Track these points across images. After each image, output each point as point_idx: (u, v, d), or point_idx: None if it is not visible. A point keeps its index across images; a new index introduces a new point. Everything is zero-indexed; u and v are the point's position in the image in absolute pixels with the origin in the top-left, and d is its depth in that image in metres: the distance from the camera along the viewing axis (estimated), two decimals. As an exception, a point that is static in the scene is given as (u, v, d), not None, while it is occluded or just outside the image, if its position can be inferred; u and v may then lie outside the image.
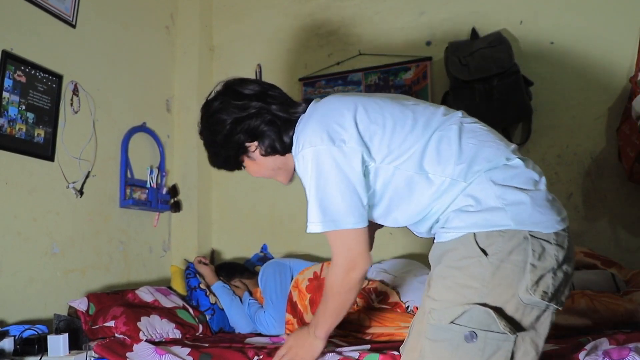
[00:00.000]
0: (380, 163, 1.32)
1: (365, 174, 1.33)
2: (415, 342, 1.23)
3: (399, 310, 2.25)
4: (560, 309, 1.19)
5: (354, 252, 1.33)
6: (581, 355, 1.46)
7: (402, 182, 1.32)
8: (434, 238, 1.37)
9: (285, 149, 1.49)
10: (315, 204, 1.32)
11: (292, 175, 1.58)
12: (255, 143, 1.50)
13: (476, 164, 1.25)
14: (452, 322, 1.11)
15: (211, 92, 1.65)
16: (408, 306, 2.25)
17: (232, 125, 1.49)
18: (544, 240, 1.16)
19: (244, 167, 1.59)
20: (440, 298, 1.17)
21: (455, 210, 1.23)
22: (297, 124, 1.46)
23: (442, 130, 1.33)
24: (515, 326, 1.11)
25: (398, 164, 1.31)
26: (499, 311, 1.11)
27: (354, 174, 1.30)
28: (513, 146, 1.32)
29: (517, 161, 1.27)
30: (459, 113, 1.39)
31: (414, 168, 1.30)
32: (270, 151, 1.49)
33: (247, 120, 1.47)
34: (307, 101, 1.54)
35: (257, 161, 1.54)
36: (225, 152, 1.55)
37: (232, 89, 1.56)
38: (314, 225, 1.33)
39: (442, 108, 1.40)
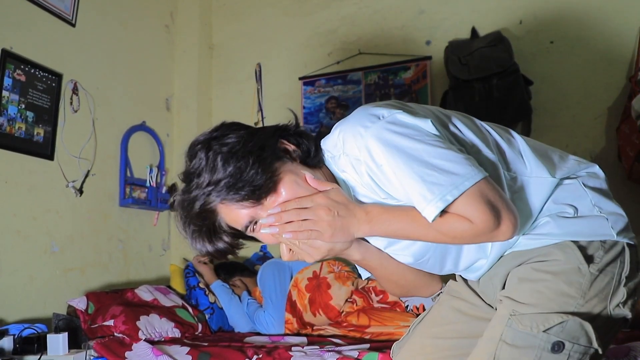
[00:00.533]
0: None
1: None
2: (485, 345, 1.08)
3: (398, 310, 2.25)
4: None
5: (497, 209, 0.99)
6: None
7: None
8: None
9: (319, 159, 1.14)
10: (420, 178, 0.98)
11: None
12: (291, 146, 1.12)
13: (562, 165, 1.17)
14: (545, 330, 1.02)
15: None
16: (407, 305, 2.25)
17: (253, 137, 1.11)
18: (635, 253, 1.12)
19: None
20: (528, 302, 1.06)
21: (549, 215, 1.11)
22: (333, 141, 1.12)
23: (502, 131, 1.20)
24: (599, 343, 1.05)
25: (480, 153, 1.10)
26: (592, 325, 1.04)
27: (435, 135, 1.03)
28: (574, 156, 1.23)
29: (595, 167, 1.19)
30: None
31: (497, 158, 1.11)
32: (308, 154, 1.13)
33: (272, 135, 1.12)
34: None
35: (299, 173, 1.10)
36: (255, 172, 1.05)
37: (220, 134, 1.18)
38: (430, 209, 0.98)
39: None
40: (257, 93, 3.31)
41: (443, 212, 0.99)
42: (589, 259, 1.06)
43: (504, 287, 1.14)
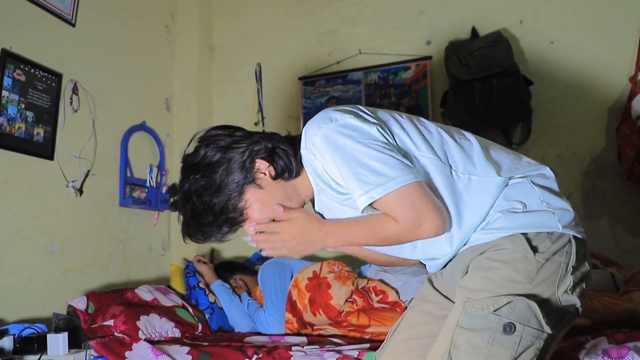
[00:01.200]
0: (402, 149, 1.23)
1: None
2: (444, 333, 1.17)
3: (398, 310, 2.25)
4: (580, 314, 1.21)
5: (423, 209, 1.14)
6: (581, 354, 1.47)
7: (434, 181, 1.23)
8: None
9: (296, 170, 1.32)
10: (354, 175, 1.16)
11: (304, 205, 1.38)
12: (266, 163, 1.29)
13: (512, 166, 1.27)
14: (494, 312, 1.11)
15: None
16: (407, 306, 2.25)
17: (231, 161, 1.27)
18: (582, 246, 1.21)
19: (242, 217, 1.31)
20: (480, 288, 1.16)
21: (500, 211, 1.21)
22: (303, 138, 1.30)
23: (458, 134, 1.31)
24: (549, 325, 1.12)
25: (427, 155, 1.24)
26: (540, 307, 1.12)
27: (377, 140, 1.19)
28: (526, 157, 1.35)
29: (546, 169, 1.29)
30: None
31: (442, 160, 1.24)
32: (282, 171, 1.30)
33: (250, 145, 1.29)
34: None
35: (266, 190, 1.29)
36: (224, 195, 1.26)
37: (212, 135, 1.32)
38: (360, 200, 1.16)
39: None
40: (257, 93, 3.31)
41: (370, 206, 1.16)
42: (535, 249, 1.16)
43: None
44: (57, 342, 1.92)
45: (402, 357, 1.36)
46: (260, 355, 1.86)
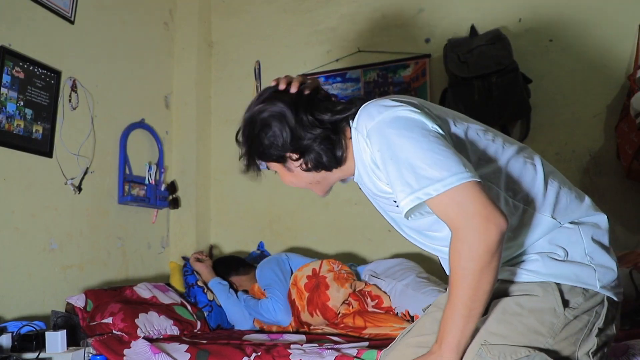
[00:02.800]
0: None
1: None
2: None
3: (391, 313, 2.26)
4: None
5: (481, 208, 1.00)
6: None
7: None
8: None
9: (334, 163, 1.30)
10: (400, 174, 1.06)
11: (329, 189, 1.40)
12: (299, 159, 1.30)
13: (569, 207, 1.19)
14: None
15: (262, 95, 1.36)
16: (397, 312, 2.25)
17: (274, 136, 1.28)
18: (614, 308, 1.16)
19: (275, 172, 1.40)
20: (500, 333, 1.10)
21: (539, 253, 1.15)
22: (356, 118, 1.23)
23: (524, 153, 1.23)
24: None
25: (484, 178, 1.12)
26: None
27: (435, 132, 1.09)
28: (587, 198, 1.25)
29: (602, 217, 1.21)
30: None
31: (494, 183, 1.15)
32: (313, 167, 1.30)
33: (298, 133, 1.26)
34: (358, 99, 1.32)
35: (295, 174, 1.35)
36: (261, 159, 1.35)
37: (285, 99, 1.30)
38: (407, 200, 1.05)
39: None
40: (257, 90, 3.30)
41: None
42: (566, 303, 1.10)
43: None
44: (56, 339, 1.92)
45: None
46: (259, 353, 1.87)
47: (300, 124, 1.26)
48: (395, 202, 1.19)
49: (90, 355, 1.98)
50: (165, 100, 3.30)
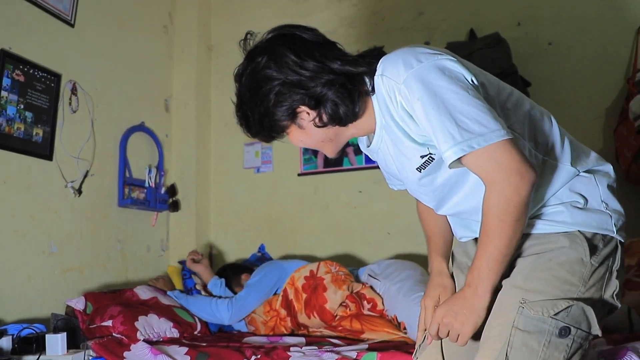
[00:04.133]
0: None
1: None
2: (497, 331, 1.14)
3: (385, 317, 2.26)
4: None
5: (516, 164, 1.06)
6: (579, 355, 1.47)
7: None
8: None
9: (352, 117, 1.22)
10: (443, 124, 1.07)
11: (341, 147, 1.32)
12: (313, 112, 1.20)
13: (583, 158, 1.25)
14: (553, 316, 1.10)
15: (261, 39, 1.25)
16: (388, 315, 2.25)
17: (283, 86, 1.17)
18: (623, 251, 1.22)
19: (285, 135, 1.28)
20: (536, 289, 1.14)
21: (563, 203, 1.20)
22: (381, 70, 1.19)
23: (538, 106, 1.27)
24: (598, 328, 1.14)
25: (510, 126, 1.15)
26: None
27: (475, 86, 1.12)
28: (595, 153, 1.32)
29: (610, 167, 1.28)
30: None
31: (522, 136, 1.18)
32: (329, 121, 1.21)
33: (307, 82, 1.17)
34: (373, 51, 1.29)
35: (307, 130, 1.24)
36: (269, 118, 1.21)
37: (289, 36, 1.22)
38: (454, 149, 1.07)
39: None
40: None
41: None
42: (592, 251, 1.15)
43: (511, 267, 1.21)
44: (56, 342, 1.93)
45: (443, 350, 1.33)
46: (259, 356, 1.87)
47: (308, 70, 1.17)
48: (420, 163, 1.22)
49: (90, 357, 1.99)
50: (165, 103, 3.31)
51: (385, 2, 3.08)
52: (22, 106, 2.31)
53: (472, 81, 1.13)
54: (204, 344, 2.10)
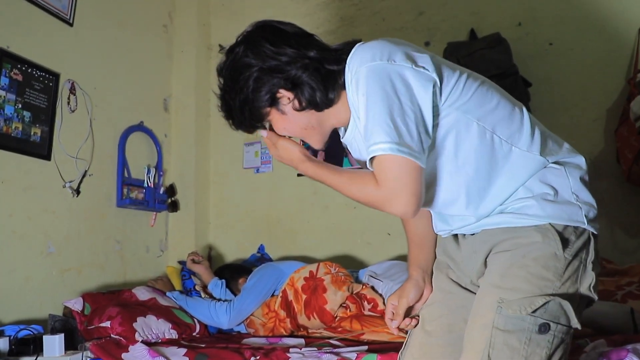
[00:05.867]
0: (449, 107, 1.19)
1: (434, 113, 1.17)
2: (478, 333, 1.17)
3: (385, 317, 2.25)
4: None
5: (403, 189, 1.11)
6: (581, 357, 1.46)
7: (470, 141, 1.20)
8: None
9: (326, 103, 1.26)
10: (381, 122, 1.11)
11: (326, 138, 1.36)
12: (291, 94, 1.24)
13: (554, 148, 1.26)
14: (531, 313, 1.12)
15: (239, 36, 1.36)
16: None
17: (261, 72, 1.23)
18: (597, 243, 1.22)
19: (267, 124, 1.33)
20: (513, 287, 1.15)
21: (533, 196, 1.19)
22: (349, 59, 1.22)
23: (514, 104, 1.28)
24: (577, 321, 1.15)
25: (472, 117, 1.19)
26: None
27: (426, 105, 1.14)
28: (568, 144, 1.33)
29: (582, 159, 1.29)
30: None
31: (489, 125, 1.20)
32: (307, 105, 1.25)
33: (284, 67, 1.22)
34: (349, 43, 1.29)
35: (288, 116, 1.28)
36: (249, 105, 1.26)
37: (266, 27, 1.32)
38: (380, 146, 1.11)
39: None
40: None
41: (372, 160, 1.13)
42: (565, 244, 1.16)
43: (485, 265, 1.25)
44: (53, 343, 1.92)
45: (427, 354, 1.35)
46: (258, 357, 1.86)
47: (284, 56, 1.23)
48: None
49: (88, 359, 1.97)
50: (164, 103, 3.30)
51: (386, 2, 3.07)
52: (20, 105, 2.30)
53: (425, 95, 1.13)
54: (203, 345, 2.09)
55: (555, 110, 2.69)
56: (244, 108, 1.26)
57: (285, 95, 1.25)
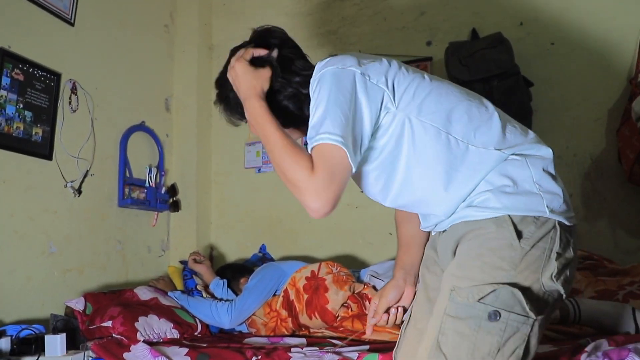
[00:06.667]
0: (401, 111, 1.24)
1: (379, 123, 1.24)
2: (434, 321, 1.20)
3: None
4: (564, 300, 1.24)
5: (330, 181, 1.15)
6: (582, 357, 1.46)
7: (426, 143, 1.24)
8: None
9: (303, 121, 1.35)
10: (325, 115, 1.18)
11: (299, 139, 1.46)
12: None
13: (516, 141, 1.27)
14: (479, 300, 1.13)
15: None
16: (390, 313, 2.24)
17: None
18: (567, 232, 1.21)
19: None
20: (466, 276, 1.18)
21: (491, 190, 1.21)
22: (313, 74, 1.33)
23: (475, 99, 1.32)
24: (533, 311, 1.14)
25: (425, 119, 1.24)
26: (524, 294, 1.14)
27: (369, 112, 1.21)
28: (533, 134, 1.33)
29: (547, 150, 1.28)
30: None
31: (443, 127, 1.24)
32: (288, 125, 1.38)
33: (272, 96, 1.36)
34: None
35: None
36: (236, 111, 1.45)
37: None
38: (329, 136, 1.16)
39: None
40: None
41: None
42: (520, 234, 1.17)
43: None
44: (55, 343, 1.92)
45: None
46: (259, 357, 1.86)
47: (276, 83, 1.36)
48: None
49: (89, 358, 1.97)
50: (166, 102, 3.30)
51: (388, 1, 3.07)
52: (21, 105, 2.30)
53: (381, 104, 1.22)
54: (205, 345, 2.09)
55: (556, 110, 2.69)
56: (227, 111, 1.47)
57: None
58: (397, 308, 1.53)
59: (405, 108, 1.24)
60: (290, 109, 1.38)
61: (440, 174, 1.23)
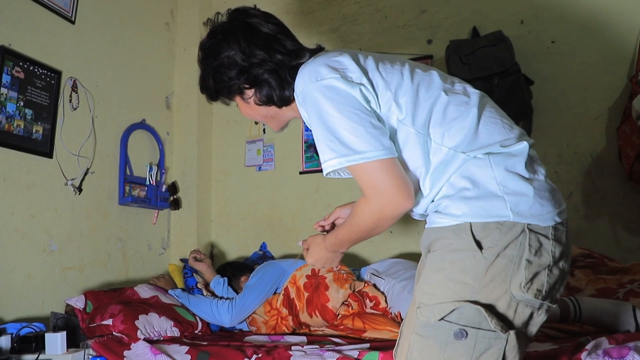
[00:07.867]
0: (384, 115, 1.23)
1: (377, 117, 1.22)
2: (406, 336, 1.17)
3: (388, 316, 2.25)
4: (553, 306, 1.14)
5: (383, 189, 1.13)
6: (583, 355, 1.46)
7: (401, 142, 1.23)
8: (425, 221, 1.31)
9: (283, 101, 1.40)
10: (325, 140, 1.18)
11: (284, 125, 1.54)
12: (252, 90, 1.41)
13: (488, 141, 1.18)
14: (441, 319, 1.08)
15: (220, 19, 1.56)
16: (392, 312, 2.24)
17: (232, 70, 1.41)
18: (542, 234, 1.11)
19: (236, 104, 1.53)
20: (431, 292, 1.13)
21: (451, 196, 1.15)
22: (297, 76, 1.32)
23: (456, 94, 1.26)
24: (507, 324, 1.08)
25: (402, 119, 1.21)
26: (490, 309, 1.08)
27: (360, 105, 1.19)
28: (518, 130, 1.24)
29: (519, 145, 1.17)
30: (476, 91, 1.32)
31: (420, 128, 1.21)
32: (266, 101, 1.40)
33: (250, 68, 1.37)
34: (315, 50, 1.45)
35: (251, 105, 1.46)
36: (220, 90, 1.50)
37: (243, 26, 1.43)
38: (329, 163, 1.17)
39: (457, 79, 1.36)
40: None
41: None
42: (480, 244, 1.09)
43: None
44: (55, 341, 1.92)
45: None
46: (260, 355, 1.86)
47: (254, 57, 1.36)
48: None
49: (90, 356, 1.97)
50: (167, 100, 3.30)
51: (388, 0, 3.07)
52: (22, 103, 2.30)
53: (361, 94, 1.19)
54: (205, 343, 2.09)
55: (557, 108, 2.68)
56: (212, 91, 1.52)
57: (247, 87, 1.40)
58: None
59: (388, 112, 1.23)
60: (273, 84, 1.37)
61: (415, 172, 1.21)
